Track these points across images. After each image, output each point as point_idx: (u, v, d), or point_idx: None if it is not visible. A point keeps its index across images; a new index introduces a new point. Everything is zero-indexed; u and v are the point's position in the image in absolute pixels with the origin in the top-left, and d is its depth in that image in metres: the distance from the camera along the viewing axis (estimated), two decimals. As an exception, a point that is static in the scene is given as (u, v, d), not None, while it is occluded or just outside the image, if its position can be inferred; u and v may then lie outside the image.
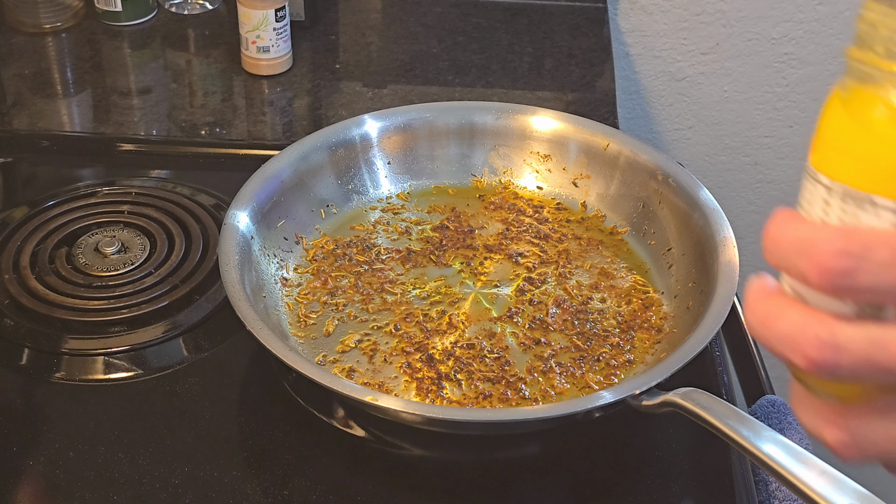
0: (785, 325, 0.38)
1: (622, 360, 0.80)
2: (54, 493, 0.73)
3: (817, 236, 0.37)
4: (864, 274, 0.36)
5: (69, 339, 0.84)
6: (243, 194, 0.86)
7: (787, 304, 0.39)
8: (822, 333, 0.37)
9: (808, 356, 0.37)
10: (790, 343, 0.38)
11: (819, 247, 0.37)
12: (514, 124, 0.97)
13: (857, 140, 0.39)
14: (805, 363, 0.37)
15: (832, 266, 0.36)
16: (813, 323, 0.37)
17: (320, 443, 0.77)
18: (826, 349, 0.37)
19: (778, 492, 0.79)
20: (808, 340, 0.37)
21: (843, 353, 0.37)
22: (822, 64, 1.38)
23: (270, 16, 1.13)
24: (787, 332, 0.38)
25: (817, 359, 0.37)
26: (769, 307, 0.39)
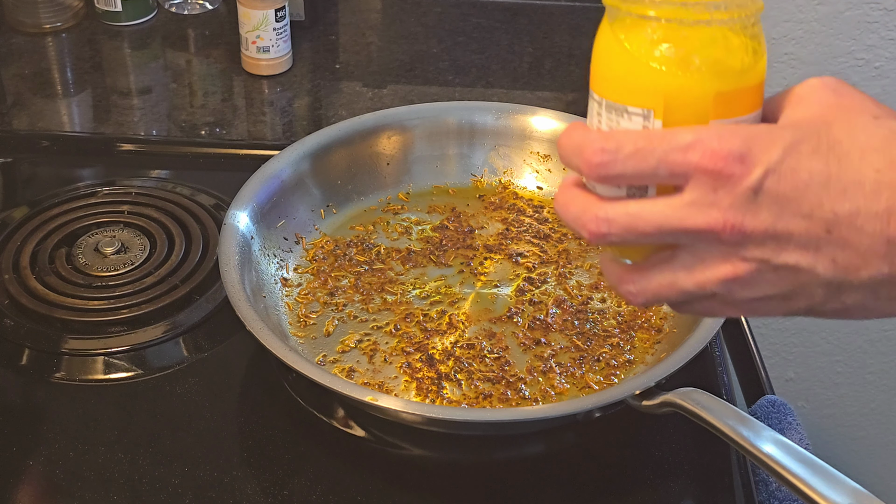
0: (574, 208, 0.51)
1: (622, 360, 0.80)
2: (54, 493, 0.73)
3: (585, 139, 0.49)
4: (616, 164, 0.48)
5: (69, 339, 0.84)
6: (243, 194, 0.86)
7: (578, 193, 0.51)
8: (598, 212, 0.49)
9: (588, 229, 0.50)
10: (578, 221, 0.50)
11: (585, 147, 0.49)
12: (514, 124, 0.97)
13: (610, 63, 0.51)
14: (587, 235, 0.50)
15: (593, 160, 0.48)
16: (591, 205, 0.50)
17: (320, 443, 0.77)
18: (601, 223, 0.49)
19: (778, 492, 0.79)
20: (589, 218, 0.50)
21: (612, 224, 0.49)
22: (822, 64, 1.38)
23: (270, 16, 1.13)
24: (575, 213, 0.50)
25: (594, 231, 0.49)
26: (566, 196, 0.51)
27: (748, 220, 0.47)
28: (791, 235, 0.47)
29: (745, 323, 0.99)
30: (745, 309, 0.51)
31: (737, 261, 0.48)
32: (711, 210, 0.47)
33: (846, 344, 1.60)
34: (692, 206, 0.48)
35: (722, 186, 0.47)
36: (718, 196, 0.47)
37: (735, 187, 0.47)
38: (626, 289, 0.52)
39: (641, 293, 0.52)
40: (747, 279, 0.49)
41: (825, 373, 1.63)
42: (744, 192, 0.47)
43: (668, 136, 0.48)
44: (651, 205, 0.49)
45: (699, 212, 0.47)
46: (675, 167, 0.47)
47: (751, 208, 0.47)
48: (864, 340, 1.59)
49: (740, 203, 0.47)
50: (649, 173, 0.48)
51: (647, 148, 0.48)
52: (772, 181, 0.47)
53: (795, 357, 1.63)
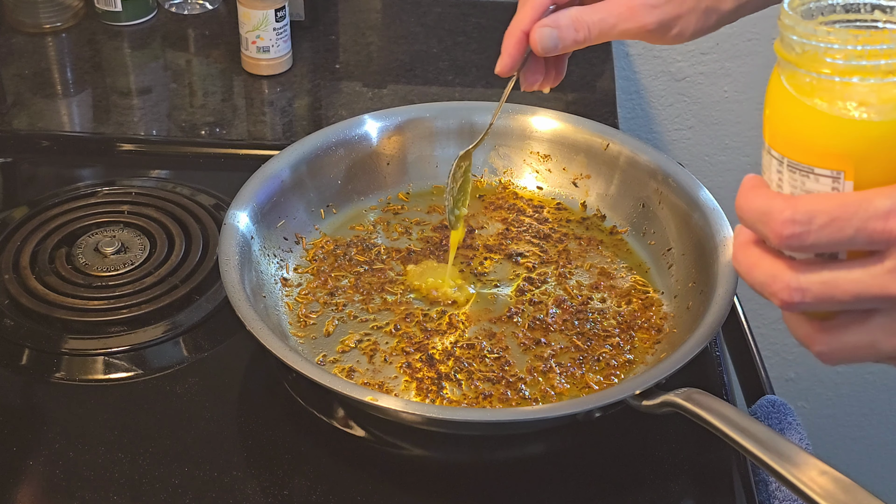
0: (761, 275, 0.49)
1: (622, 360, 0.80)
2: (54, 493, 0.73)
3: (772, 207, 0.47)
4: (809, 236, 0.46)
5: (69, 339, 0.84)
6: (243, 194, 0.86)
7: (762, 255, 0.49)
8: (790, 281, 0.47)
9: (782, 300, 0.48)
10: (766, 289, 0.49)
11: (773, 216, 0.47)
12: (514, 124, 0.97)
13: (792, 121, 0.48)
14: (780, 304, 0.48)
15: (784, 233, 0.46)
16: (781, 272, 0.48)
17: (320, 443, 0.77)
18: (794, 293, 0.47)
19: (778, 492, 0.79)
20: (780, 287, 0.48)
21: (806, 293, 0.47)
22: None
23: (270, 16, 1.13)
24: (762, 280, 0.49)
25: (787, 300, 0.48)
26: (750, 258, 0.49)
27: None
28: None
29: (745, 323, 0.99)
30: None
31: None
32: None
33: (846, 344, 1.59)
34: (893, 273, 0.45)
35: None
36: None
37: None
38: (818, 349, 0.50)
39: (836, 354, 0.50)
40: None
41: (825, 373, 1.63)
42: None
43: (865, 202, 0.45)
44: (848, 273, 0.47)
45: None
46: (874, 235, 0.45)
47: None
48: (864, 340, 1.59)
49: None
50: (845, 243, 0.46)
51: (843, 217, 0.45)
52: None
53: (795, 357, 1.63)
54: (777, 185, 0.49)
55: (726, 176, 1.47)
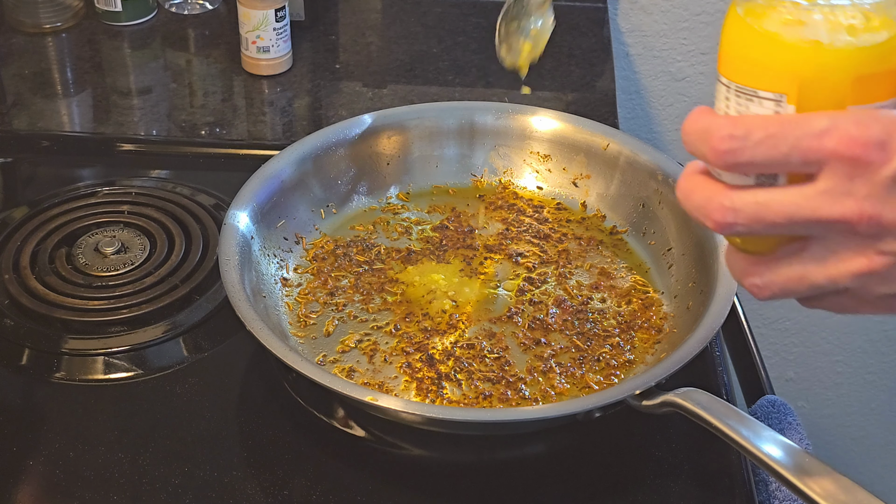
0: (697, 197, 0.48)
1: (622, 360, 0.80)
2: (54, 493, 0.73)
3: (712, 124, 0.47)
4: (745, 151, 0.46)
5: (69, 339, 0.84)
6: (243, 194, 0.86)
7: (702, 181, 0.49)
8: (723, 200, 0.47)
9: (713, 219, 0.47)
10: (702, 211, 0.48)
11: (712, 133, 0.47)
12: (514, 124, 0.97)
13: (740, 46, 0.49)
14: (713, 225, 0.48)
15: (721, 147, 0.46)
16: (717, 193, 0.48)
17: (320, 443, 0.77)
18: (727, 213, 0.47)
19: (778, 492, 0.79)
20: (714, 207, 0.47)
21: (739, 214, 0.47)
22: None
23: (270, 16, 1.13)
24: (699, 203, 0.48)
25: (720, 220, 0.47)
26: (690, 183, 0.49)
27: (887, 210, 0.45)
28: None
29: (745, 323, 1.00)
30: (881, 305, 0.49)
31: (872, 254, 0.46)
32: (847, 199, 0.45)
33: (846, 344, 1.60)
34: (826, 194, 0.45)
35: (860, 175, 0.44)
36: (855, 185, 0.44)
37: (873, 175, 0.44)
38: (752, 282, 0.50)
39: (768, 287, 0.49)
40: (884, 274, 0.46)
41: (825, 373, 1.63)
42: (883, 181, 0.44)
43: (802, 121, 0.45)
44: (781, 193, 0.46)
45: (833, 201, 0.45)
46: (808, 154, 0.45)
47: (889, 198, 0.44)
48: (864, 340, 1.59)
49: (878, 193, 0.44)
50: (781, 161, 0.46)
51: (780, 134, 0.45)
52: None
53: (795, 357, 1.63)
54: (724, 111, 0.50)
55: (726, 176, 1.47)
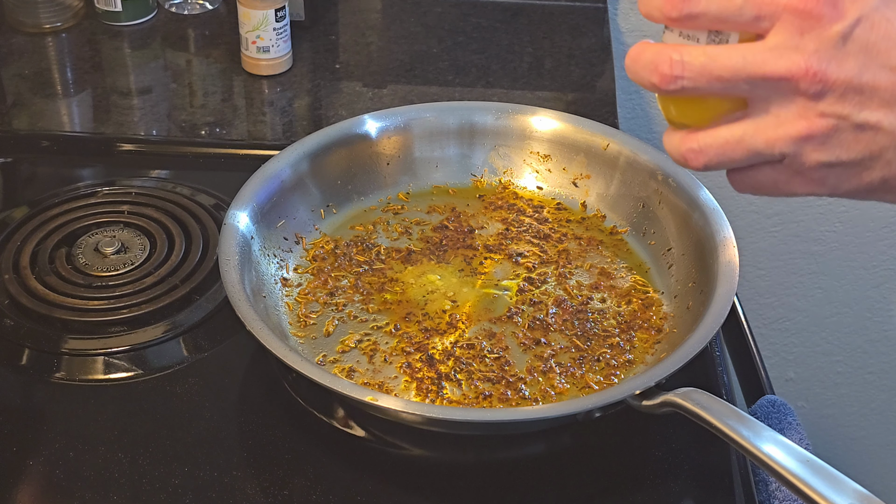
0: (647, 55, 0.49)
1: (622, 360, 0.80)
2: (54, 493, 0.73)
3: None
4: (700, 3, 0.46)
5: (69, 339, 0.84)
6: (243, 194, 0.86)
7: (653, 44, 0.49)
8: (672, 54, 0.47)
9: (661, 72, 0.48)
10: (650, 66, 0.48)
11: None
12: (514, 124, 0.97)
13: None
14: (659, 79, 0.48)
15: None
16: (667, 48, 0.48)
17: (320, 443, 0.77)
18: (675, 65, 0.47)
19: (778, 492, 0.79)
20: (662, 60, 0.48)
21: (687, 67, 0.47)
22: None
23: (270, 16, 1.13)
24: (648, 59, 0.49)
25: (667, 72, 0.47)
26: (639, 48, 0.50)
27: (832, 68, 0.44)
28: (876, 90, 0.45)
29: (745, 323, 1.00)
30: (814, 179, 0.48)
31: (813, 116, 0.46)
32: (794, 54, 0.45)
33: (846, 344, 1.60)
34: (774, 50, 0.45)
35: (810, 30, 0.44)
36: (804, 40, 0.44)
37: (823, 31, 0.44)
38: (688, 146, 0.50)
39: (704, 151, 0.49)
40: (822, 138, 0.46)
41: (825, 373, 1.63)
42: (832, 37, 0.44)
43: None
44: (730, 49, 0.46)
45: (781, 56, 0.45)
46: (762, 6, 0.45)
47: (836, 56, 0.44)
48: (864, 340, 1.59)
49: (826, 49, 0.44)
50: (734, 13, 0.46)
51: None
52: (863, 29, 0.44)
53: (795, 357, 1.63)
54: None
55: (726, 176, 1.47)
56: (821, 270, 1.54)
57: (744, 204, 1.49)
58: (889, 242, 1.49)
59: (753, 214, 1.50)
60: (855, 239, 1.50)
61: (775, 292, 1.57)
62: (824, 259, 1.52)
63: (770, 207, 1.49)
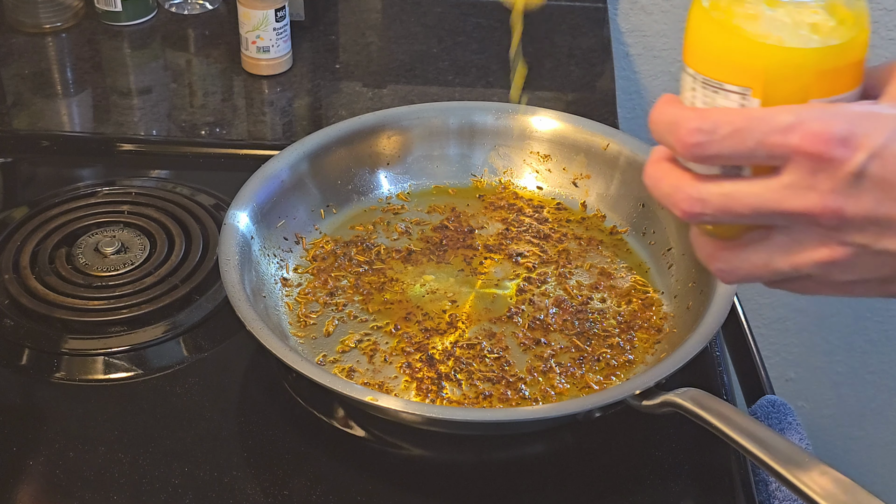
0: (666, 186, 0.50)
1: (622, 360, 0.80)
2: (54, 493, 0.73)
3: (680, 117, 0.48)
4: (712, 145, 0.47)
5: (69, 339, 0.84)
6: (243, 194, 0.86)
7: (670, 169, 0.50)
8: (691, 191, 0.49)
9: (682, 209, 0.49)
10: (670, 199, 0.50)
11: (680, 126, 0.48)
12: (514, 124, 0.97)
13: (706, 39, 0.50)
14: (681, 214, 0.49)
15: (689, 140, 0.48)
16: (684, 183, 0.49)
17: (320, 443, 0.77)
18: (694, 203, 0.48)
19: (778, 492, 0.79)
20: (682, 197, 0.49)
21: (706, 204, 0.48)
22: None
23: (270, 16, 1.13)
24: (667, 191, 0.50)
25: (688, 210, 0.49)
26: (657, 171, 0.51)
27: (849, 204, 0.46)
28: (892, 221, 0.46)
29: (745, 323, 1.00)
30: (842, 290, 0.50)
31: (835, 245, 0.47)
32: (810, 193, 0.46)
33: (846, 344, 1.60)
34: (790, 188, 0.46)
35: (823, 170, 0.45)
36: (818, 179, 0.46)
37: (836, 171, 0.45)
38: (718, 266, 0.51)
39: (734, 272, 0.51)
40: (845, 263, 0.48)
41: (825, 373, 1.63)
42: (845, 176, 0.45)
43: (768, 116, 0.46)
44: (747, 186, 0.47)
45: (797, 195, 0.46)
46: (774, 149, 0.46)
47: (852, 193, 0.46)
48: (864, 340, 1.59)
49: (841, 187, 0.45)
50: (747, 155, 0.47)
51: (746, 129, 0.46)
52: (875, 166, 0.45)
53: (795, 357, 1.63)
54: (690, 101, 0.51)
55: (726, 176, 1.47)
56: (821, 270, 1.53)
57: (744, 204, 1.49)
58: (889, 242, 1.49)
59: (753, 214, 1.50)
60: (855, 239, 1.49)
61: (775, 292, 1.56)
62: (824, 259, 1.52)
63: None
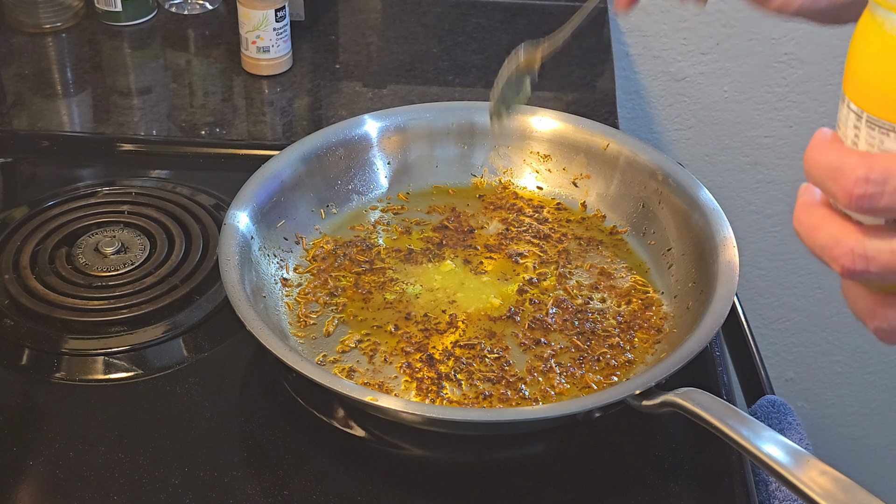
0: (823, 237, 0.44)
1: (622, 360, 0.80)
2: (54, 493, 0.73)
3: (844, 163, 0.42)
4: (883, 197, 0.42)
5: (69, 339, 0.84)
6: (243, 194, 0.86)
7: (827, 217, 0.44)
8: (855, 246, 0.43)
9: (843, 266, 0.44)
10: (828, 253, 0.44)
11: (845, 174, 0.42)
12: (514, 124, 0.97)
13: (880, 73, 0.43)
14: (841, 271, 0.44)
15: (855, 192, 0.42)
16: (847, 236, 0.43)
17: (320, 443, 0.77)
18: (858, 259, 0.43)
19: (778, 492, 0.79)
20: (843, 252, 0.43)
21: (872, 262, 0.43)
22: (822, 64, 1.38)
23: (270, 16, 1.13)
24: (825, 243, 0.44)
25: (850, 267, 0.43)
26: (812, 218, 0.45)
27: None
28: None
29: (745, 323, 1.00)
30: None
31: None
32: None
33: (846, 344, 1.60)
34: None
35: None
36: None
37: None
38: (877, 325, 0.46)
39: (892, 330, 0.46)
40: None
41: (825, 373, 1.63)
42: None
43: None
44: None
45: None
46: None
47: None
48: (864, 340, 1.59)
49: None
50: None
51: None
52: None
53: (795, 357, 1.63)
54: (852, 141, 0.45)
55: (726, 176, 1.47)
56: (821, 270, 1.53)
57: (744, 204, 1.50)
58: (889, 242, 1.49)
59: (753, 214, 1.50)
60: (855, 239, 1.49)
61: (775, 292, 1.57)
62: (824, 259, 1.52)
63: (770, 207, 1.49)
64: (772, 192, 1.48)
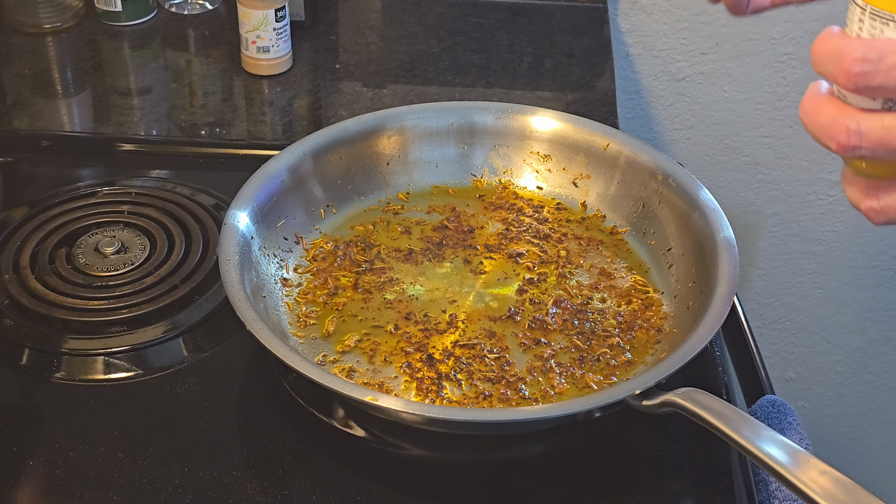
0: (822, 118, 0.49)
1: (622, 360, 0.80)
2: (54, 493, 0.73)
3: (845, 46, 0.47)
4: (878, 75, 0.46)
5: (69, 339, 0.84)
6: (243, 194, 0.86)
7: (827, 102, 0.49)
8: (849, 123, 0.47)
9: (838, 141, 0.48)
10: (826, 132, 0.48)
11: (844, 55, 0.47)
12: (514, 124, 0.97)
13: None
14: (836, 147, 0.48)
15: (853, 70, 0.46)
16: (843, 115, 0.48)
17: (320, 443, 0.77)
18: (852, 136, 0.47)
19: (778, 492, 0.79)
20: (839, 129, 0.48)
21: (864, 137, 0.47)
22: (822, 64, 1.37)
23: (270, 16, 1.13)
24: (824, 123, 0.49)
25: (844, 143, 0.48)
26: (814, 105, 0.49)
27: None
28: None
29: (745, 323, 1.00)
30: None
31: None
32: None
33: (846, 344, 1.60)
34: None
35: None
36: None
37: None
38: (868, 205, 0.50)
39: (885, 211, 0.50)
40: None
41: (825, 373, 1.63)
42: None
43: None
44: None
45: None
46: None
47: None
48: (864, 340, 1.59)
49: None
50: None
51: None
52: None
53: (795, 357, 1.63)
54: (856, 34, 0.49)
55: (726, 176, 1.47)
56: (821, 270, 1.54)
57: (744, 204, 1.50)
58: (889, 242, 1.49)
59: (753, 214, 1.50)
60: (855, 239, 1.50)
61: (775, 292, 1.57)
62: (824, 259, 1.52)
63: (770, 207, 1.49)
64: (772, 192, 1.48)
